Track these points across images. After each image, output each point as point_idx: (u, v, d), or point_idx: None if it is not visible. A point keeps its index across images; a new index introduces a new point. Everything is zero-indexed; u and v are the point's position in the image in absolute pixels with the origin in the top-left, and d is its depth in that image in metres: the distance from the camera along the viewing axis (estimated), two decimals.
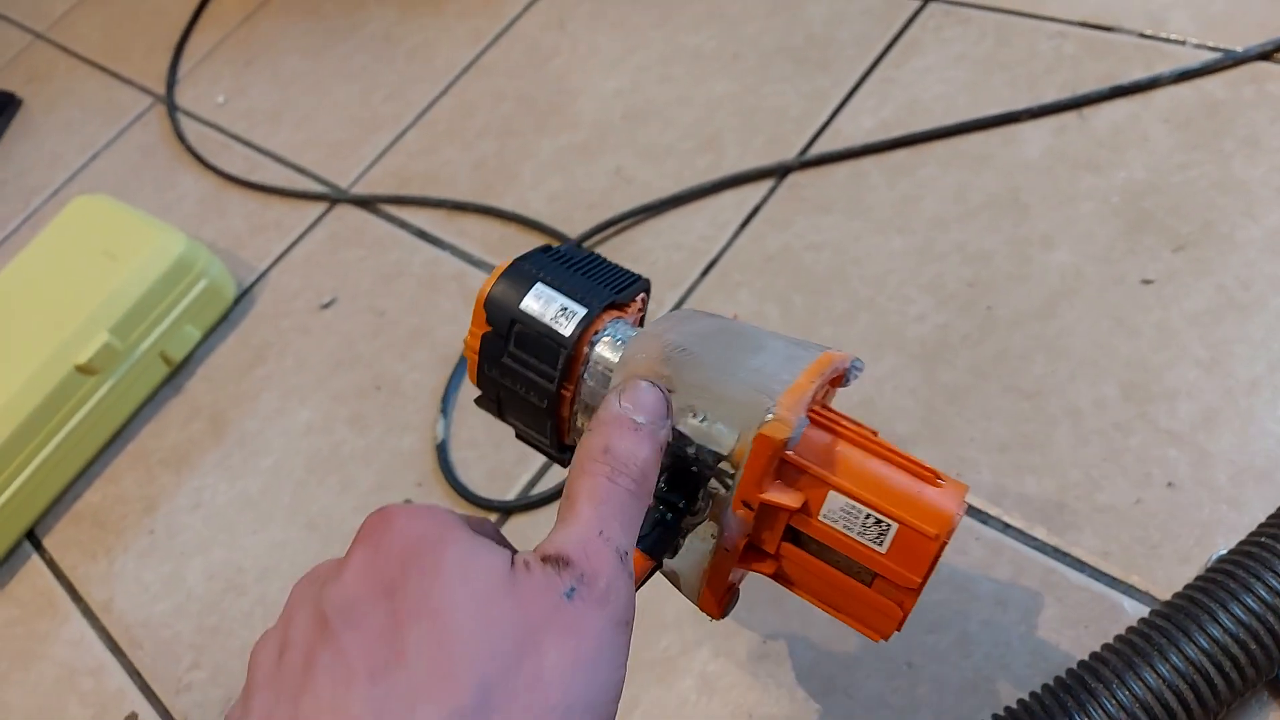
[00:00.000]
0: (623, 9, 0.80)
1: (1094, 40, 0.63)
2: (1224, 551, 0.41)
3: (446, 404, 0.62)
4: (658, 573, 0.31)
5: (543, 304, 0.31)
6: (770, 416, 0.27)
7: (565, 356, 0.31)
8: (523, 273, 0.32)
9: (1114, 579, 0.43)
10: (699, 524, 0.30)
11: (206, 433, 0.68)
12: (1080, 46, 0.63)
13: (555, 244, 0.33)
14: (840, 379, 0.30)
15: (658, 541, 0.29)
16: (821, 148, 0.64)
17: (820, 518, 0.28)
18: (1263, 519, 0.42)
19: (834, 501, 0.28)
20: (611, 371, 0.31)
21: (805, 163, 0.64)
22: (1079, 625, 0.42)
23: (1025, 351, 0.51)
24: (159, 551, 0.63)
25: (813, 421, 0.29)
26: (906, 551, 0.27)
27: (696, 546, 0.30)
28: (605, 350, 0.31)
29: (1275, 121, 0.56)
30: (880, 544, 0.27)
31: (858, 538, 0.28)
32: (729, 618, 0.47)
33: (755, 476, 0.28)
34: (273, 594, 0.58)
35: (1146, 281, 0.52)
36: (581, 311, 0.31)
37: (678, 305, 0.61)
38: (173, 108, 0.94)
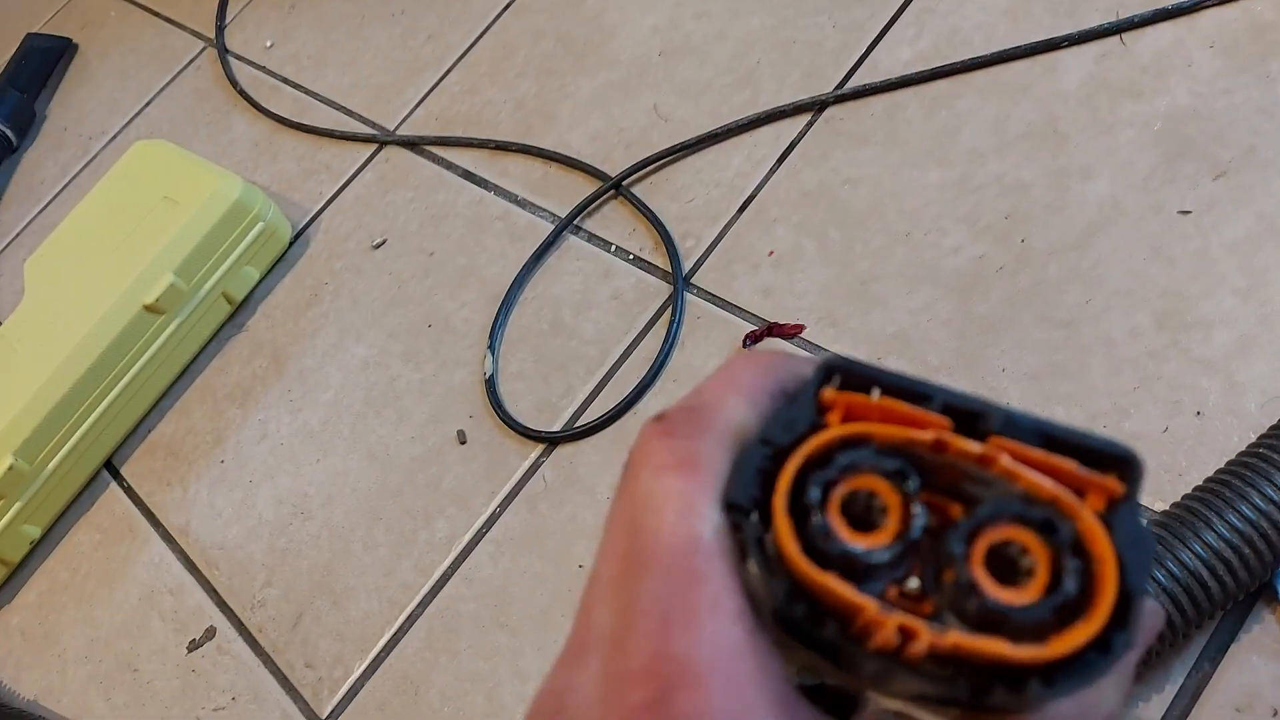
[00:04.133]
0: None
1: None
2: None
3: (494, 340, 0.64)
4: None
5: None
6: None
7: None
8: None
9: (1143, 508, 0.45)
10: None
11: (269, 368, 0.71)
12: None
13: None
14: None
15: None
16: (859, 81, 0.64)
17: None
18: None
19: None
20: None
21: (842, 97, 0.64)
22: None
23: (1060, 282, 0.52)
24: (229, 480, 0.67)
25: None
26: None
27: None
28: None
29: None
30: None
31: None
32: None
33: None
34: (337, 518, 0.62)
35: (1184, 212, 0.52)
36: None
37: (716, 241, 0.62)
38: (223, 52, 0.96)
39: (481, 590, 0.55)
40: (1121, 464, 0.18)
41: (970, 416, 0.19)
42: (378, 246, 0.74)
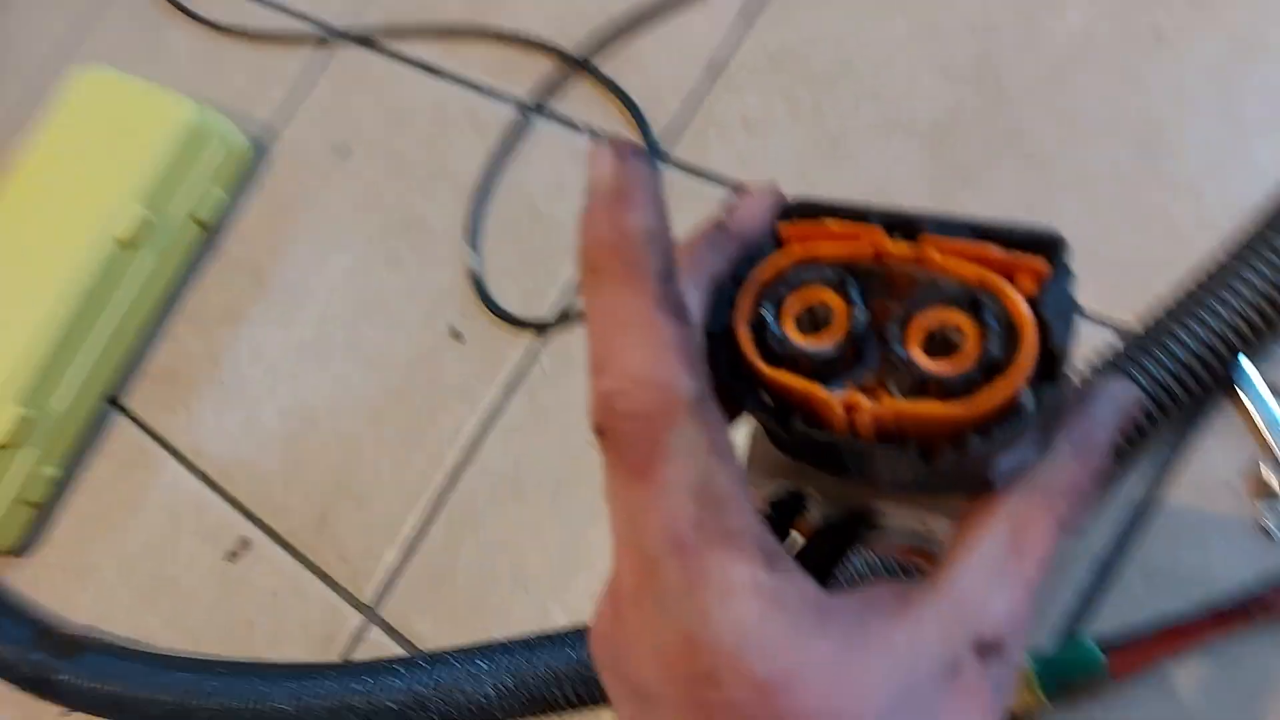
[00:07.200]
0: None
1: None
2: None
3: (474, 236, 0.65)
4: None
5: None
6: None
7: None
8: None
9: (1119, 325, 0.47)
10: None
11: (252, 287, 0.72)
12: None
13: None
14: None
15: None
16: None
17: None
18: None
19: None
20: None
21: None
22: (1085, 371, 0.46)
23: (1036, 122, 0.52)
24: (232, 399, 0.68)
25: None
26: None
27: None
28: None
29: None
30: None
31: None
32: None
33: None
34: (344, 425, 0.63)
35: (1158, 36, 0.52)
36: None
37: (686, 112, 0.62)
38: None
39: (495, 476, 0.58)
40: (1047, 246, 0.20)
41: (905, 224, 0.21)
42: (342, 153, 0.73)
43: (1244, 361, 0.40)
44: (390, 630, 0.55)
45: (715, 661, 0.19)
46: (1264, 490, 0.40)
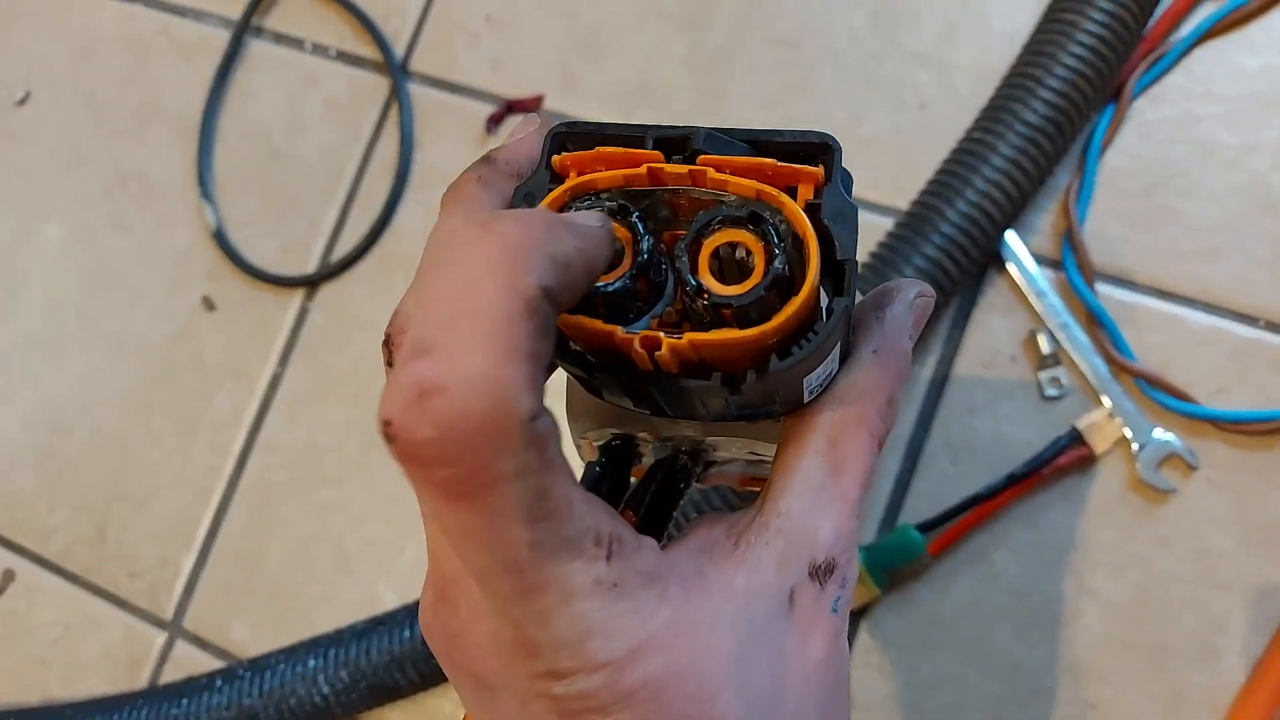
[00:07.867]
0: None
1: None
2: None
3: (205, 185, 0.57)
4: None
5: None
6: None
7: None
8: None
9: (884, 207, 0.48)
10: None
11: None
12: None
13: None
14: None
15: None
16: None
17: None
18: None
19: None
20: None
21: None
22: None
23: None
24: None
25: None
26: None
27: None
28: None
29: None
30: None
31: None
32: None
33: None
34: (104, 423, 0.56)
35: None
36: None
37: (423, 14, 0.56)
38: None
39: (289, 454, 0.53)
40: (819, 151, 0.20)
41: (680, 144, 0.20)
42: (22, 102, 0.62)
43: (1009, 236, 0.42)
44: (201, 643, 0.51)
45: (557, 657, 0.18)
46: (1041, 357, 0.42)
